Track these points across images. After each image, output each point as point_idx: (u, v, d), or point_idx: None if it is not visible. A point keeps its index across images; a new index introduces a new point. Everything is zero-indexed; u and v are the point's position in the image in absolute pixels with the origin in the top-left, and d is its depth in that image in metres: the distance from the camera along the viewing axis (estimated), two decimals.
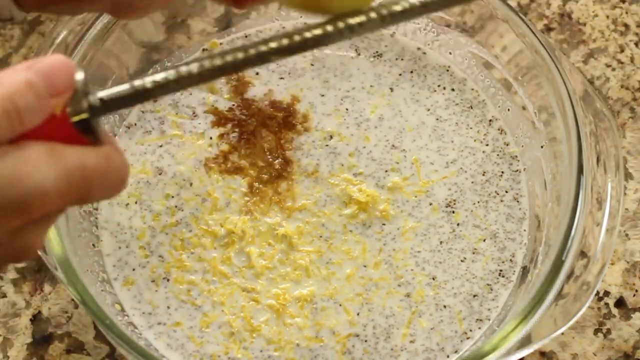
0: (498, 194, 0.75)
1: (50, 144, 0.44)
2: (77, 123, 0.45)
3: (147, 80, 0.47)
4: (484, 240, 0.73)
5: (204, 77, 0.47)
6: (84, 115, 0.45)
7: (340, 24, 0.48)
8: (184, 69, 0.47)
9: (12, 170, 0.43)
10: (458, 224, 0.73)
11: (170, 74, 0.47)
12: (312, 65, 0.79)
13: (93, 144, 0.46)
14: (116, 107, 0.46)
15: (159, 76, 0.47)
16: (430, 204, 0.74)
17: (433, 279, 0.71)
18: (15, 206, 0.43)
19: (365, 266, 0.72)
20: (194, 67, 0.47)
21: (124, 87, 0.46)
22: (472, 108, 0.78)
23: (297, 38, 0.47)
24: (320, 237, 0.72)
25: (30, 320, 0.73)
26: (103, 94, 0.46)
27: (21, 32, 0.84)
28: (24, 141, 0.44)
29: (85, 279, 0.65)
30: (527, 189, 0.75)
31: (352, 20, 0.48)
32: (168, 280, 0.71)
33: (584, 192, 0.67)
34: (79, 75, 0.45)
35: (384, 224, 0.73)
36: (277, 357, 0.69)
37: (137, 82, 0.46)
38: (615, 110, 0.81)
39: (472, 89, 0.78)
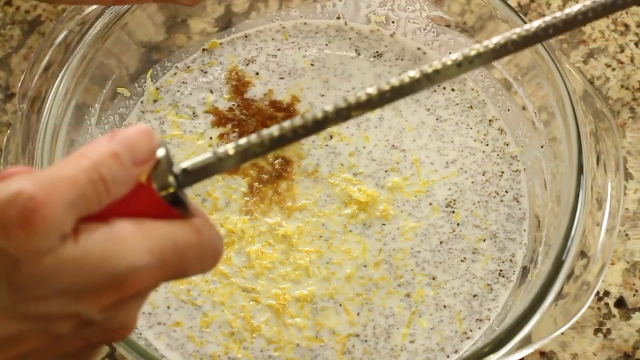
0: (498, 194, 0.75)
1: (140, 221, 0.44)
2: (164, 196, 0.45)
3: (229, 147, 0.46)
4: (484, 240, 0.73)
5: (286, 139, 0.46)
6: (171, 189, 0.45)
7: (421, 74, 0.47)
8: (265, 133, 0.46)
9: (104, 248, 0.43)
10: (458, 224, 0.73)
11: (252, 138, 0.46)
12: (312, 65, 0.79)
13: (182, 217, 0.46)
14: (200, 176, 0.46)
15: (242, 141, 0.46)
16: (430, 204, 0.74)
17: (433, 279, 0.71)
18: (108, 284, 0.43)
19: (365, 266, 0.72)
20: (275, 130, 0.46)
21: (207, 156, 0.46)
22: (472, 108, 0.78)
23: (376, 93, 0.46)
24: (320, 237, 0.72)
25: None
26: (186, 164, 0.46)
27: (21, 32, 0.84)
28: (113, 218, 0.44)
29: None
30: (527, 189, 0.75)
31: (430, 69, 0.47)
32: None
33: (584, 192, 0.67)
34: (162, 150, 0.45)
35: (384, 224, 0.73)
36: (277, 357, 0.69)
37: (220, 150, 0.46)
38: (615, 110, 0.81)
39: (472, 89, 0.78)
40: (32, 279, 0.42)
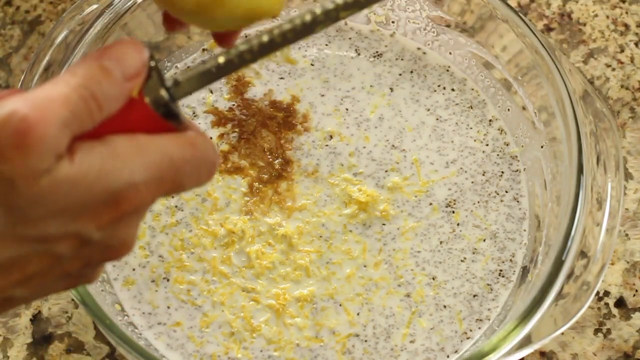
0: (498, 194, 0.75)
1: (134, 137, 0.44)
2: (157, 109, 0.45)
3: (219, 56, 0.46)
4: (484, 240, 0.73)
5: (276, 44, 0.46)
6: (163, 99, 0.45)
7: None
8: (254, 41, 0.46)
9: (100, 166, 0.42)
10: (458, 224, 0.73)
11: (241, 45, 0.46)
12: (312, 65, 0.79)
13: (176, 130, 0.46)
14: (192, 87, 0.46)
15: (231, 50, 0.46)
16: (430, 204, 0.74)
17: (433, 279, 0.71)
18: (105, 201, 0.43)
19: (365, 266, 0.72)
20: (265, 37, 0.46)
21: (197, 66, 0.46)
22: (472, 108, 0.78)
23: None
24: (320, 237, 0.72)
25: (31, 320, 0.73)
26: (177, 75, 0.46)
27: (21, 32, 0.84)
28: (108, 136, 0.43)
29: None
30: (527, 189, 0.75)
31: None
32: (168, 280, 0.71)
33: (584, 192, 0.67)
34: (152, 62, 0.45)
35: (384, 224, 0.73)
36: (277, 357, 0.69)
37: (210, 59, 0.46)
38: (615, 110, 0.81)
39: (472, 89, 0.78)
40: (29, 200, 0.42)
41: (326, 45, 0.80)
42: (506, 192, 0.75)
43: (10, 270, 0.44)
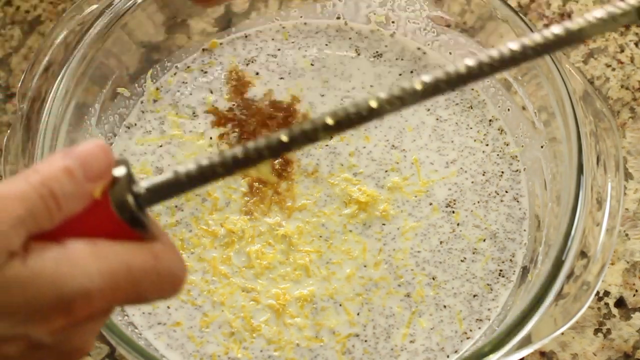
0: (498, 194, 0.75)
1: (94, 242, 0.43)
2: (122, 214, 0.43)
3: (191, 167, 0.44)
4: (484, 240, 0.73)
5: (251, 160, 0.44)
6: (128, 206, 0.43)
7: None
8: (228, 154, 0.44)
9: (54, 269, 0.41)
10: (458, 224, 0.73)
11: (214, 158, 0.44)
12: (312, 65, 0.79)
13: (142, 239, 0.44)
14: (161, 196, 0.44)
15: (204, 161, 0.44)
16: (430, 204, 0.74)
17: (433, 279, 0.71)
18: (57, 306, 0.42)
19: (365, 266, 0.72)
20: (239, 151, 0.44)
21: (167, 175, 0.44)
22: (472, 108, 0.78)
23: (342, 114, 0.44)
24: (320, 237, 0.72)
25: None
26: (146, 184, 0.44)
27: (21, 32, 0.84)
28: (66, 239, 0.42)
29: None
30: (527, 189, 0.75)
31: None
32: None
33: (584, 192, 0.67)
34: (121, 168, 0.44)
35: (384, 224, 0.73)
36: (277, 357, 0.69)
37: (181, 169, 0.44)
38: (615, 110, 0.81)
39: (472, 89, 0.78)
40: None
41: (326, 45, 0.80)
42: (506, 192, 0.75)
43: None
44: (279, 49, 0.79)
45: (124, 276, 0.43)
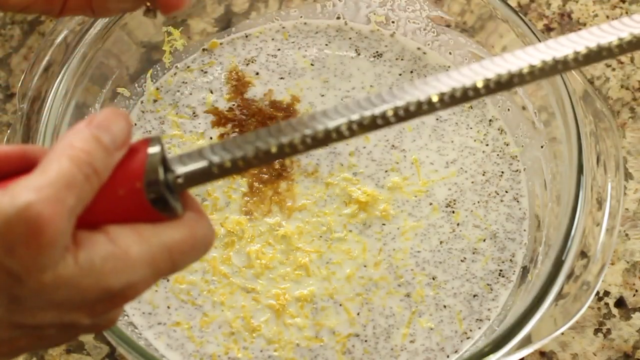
0: (498, 194, 0.75)
1: (136, 230, 0.44)
2: (154, 202, 0.44)
3: (226, 158, 0.44)
4: (484, 240, 0.73)
5: (284, 153, 0.44)
6: (162, 197, 0.44)
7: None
8: (262, 146, 0.44)
9: (102, 266, 0.43)
10: (458, 224, 0.73)
11: (247, 151, 0.44)
12: (312, 65, 0.79)
13: (175, 217, 0.45)
14: (196, 182, 0.44)
15: (237, 152, 0.44)
16: (430, 204, 0.74)
17: (433, 279, 0.71)
18: (102, 298, 0.43)
19: (365, 266, 0.72)
20: (273, 143, 0.44)
21: (202, 163, 0.44)
22: (472, 108, 0.78)
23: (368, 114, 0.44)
24: (320, 237, 0.72)
25: None
26: (182, 169, 0.44)
27: (21, 32, 0.84)
28: (108, 226, 0.43)
29: None
30: (527, 189, 0.75)
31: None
32: (168, 280, 0.71)
33: (584, 192, 0.67)
34: (154, 148, 0.44)
35: (384, 224, 0.73)
36: (277, 357, 0.69)
37: (215, 159, 0.44)
38: (615, 110, 0.81)
39: None
40: (31, 292, 0.42)
41: (326, 45, 0.80)
42: (506, 192, 0.75)
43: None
44: (279, 49, 0.79)
45: (165, 259, 0.44)
